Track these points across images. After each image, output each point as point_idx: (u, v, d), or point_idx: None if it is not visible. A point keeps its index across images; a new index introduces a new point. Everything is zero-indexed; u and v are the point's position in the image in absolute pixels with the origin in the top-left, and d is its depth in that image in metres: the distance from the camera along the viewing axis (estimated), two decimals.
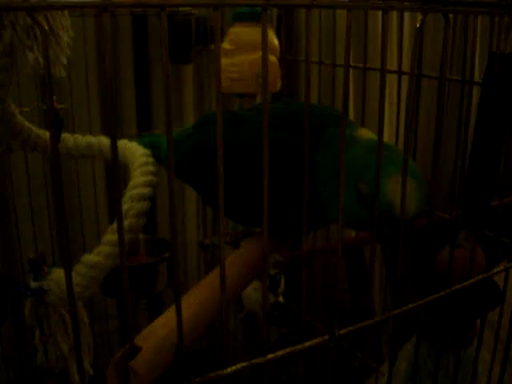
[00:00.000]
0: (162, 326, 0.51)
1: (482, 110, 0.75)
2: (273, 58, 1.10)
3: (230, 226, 1.29)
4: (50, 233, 1.40)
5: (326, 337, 0.56)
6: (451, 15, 0.57)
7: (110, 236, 0.76)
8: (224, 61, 1.09)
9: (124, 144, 0.90)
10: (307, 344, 0.55)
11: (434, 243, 0.75)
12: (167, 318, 0.51)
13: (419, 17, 0.55)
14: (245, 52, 1.07)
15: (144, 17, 1.53)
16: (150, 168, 0.82)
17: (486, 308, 0.80)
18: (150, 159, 0.85)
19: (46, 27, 0.38)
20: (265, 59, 0.46)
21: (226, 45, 1.11)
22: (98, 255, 0.75)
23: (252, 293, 1.20)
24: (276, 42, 1.11)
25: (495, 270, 0.73)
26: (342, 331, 0.56)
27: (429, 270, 0.78)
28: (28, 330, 0.92)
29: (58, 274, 0.81)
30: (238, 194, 0.69)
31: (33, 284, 0.81)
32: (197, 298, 0.55)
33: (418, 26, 0.54)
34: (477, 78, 0.75)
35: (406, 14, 1.44)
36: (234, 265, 0.63)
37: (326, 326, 1.21)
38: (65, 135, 0.98)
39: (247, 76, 1.07)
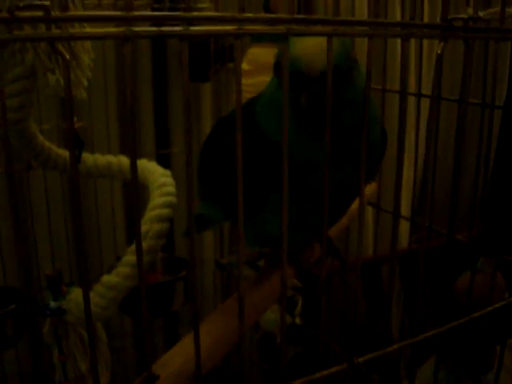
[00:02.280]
0: (180, 354, 0.50)
1: (503, 133, 0.75)
2: None
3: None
4: (67, 250, 1.41)
5: (345, 365, 0.55)
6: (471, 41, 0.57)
7: (129, 257, 0.76)
8: (242, 81, 1.09)
9: (143, 164, 0.90)
10: (326, 372, 0.54)
11: (454, 269, 0.74)
12: (185, 345, 0.51)
13: (439, 43, 0.55)
14: (263, 73, 1.07)
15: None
16: (170, 189, 0.82)
17: (506, 334, 0.79)
18: (169, 179, 0.85)
19: (68, 56, 0.38)
20: (286, 90, 0.46)
21: (244, 65, 1.11)
22: (117, 276, 0.76)
23: (269, 314, 1.20)
24: None
25: None
26: (361, 359, 0.56)
27: (448, 296, 0.77)
28: (45, 348, 0.92)
29: (77, 293, 0.81)
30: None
31: (52, 304, 0.81)
32: (215, 326, 0.55)
33: (438, 52, 0.54)
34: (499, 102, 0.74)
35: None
36: (252, 290, 0.63)
37: (343, 351, 1.20)
38: (84, 155, 0.99)
39: None
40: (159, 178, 0.84)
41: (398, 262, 1.75)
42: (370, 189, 1.01)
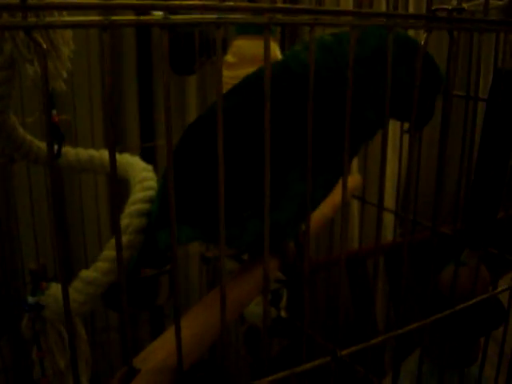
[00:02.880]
0: (161, 348, 0.50)
1: (487, 126, 0.75)
2: None
3: None
4: (52, 244, 1.40)
5: (328, 358, 0.55)
6: (456, 32, 0.57)
7: (108, 252, 0.75)
8: (227, 73, 1.08)
9: (125, 158, 0.89)
10: (308, 366, 0.54)
11: (438, 261, 0.74)
12: (166, 339, 0.51)
13: (424, 34, 0.54)
14: (248, 65, 1.06)
15: (148, 28, 1.53)
16: (150, 183, 0.81)
17: (490, 326, 0.79)
18: (151, 174, 0.85)
19: (45, 45, 0.37)
20: (268, 76, 0.46)
21: (229, 58, 1.10)
22: (96, 271, 0.75)
23: (253, 307, 1.19)
24: (279, 55, 1.11)
25: (499, 289, 0.72)
26: (344, 352, 0.56)
27: (432, 289, 0.77)
28: (26, 344, 0.91)
29: (56, 289, 0.80)
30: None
31: (30, 299, 0.80)
32: (197, 319, 0.55)
33: (422, 43, 0.54)
34: (483, 94, 0.74)
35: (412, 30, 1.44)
36: (235, 283, 0.63)
37: (328, 343, 1.20)
38: (67, 149, 0.98)
39: None
40: (140, 173, 0.84)
41: (384, 255, 1.76)
42: (353, 181, 1.01)
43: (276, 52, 1.11)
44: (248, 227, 0.63)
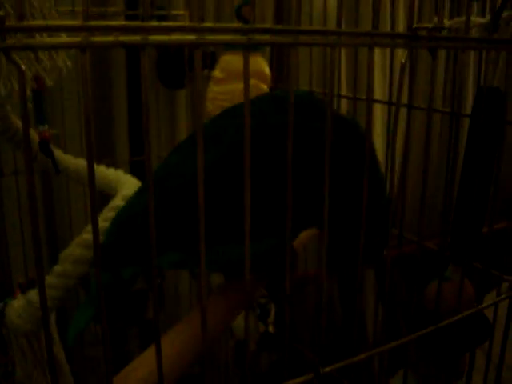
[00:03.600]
0: (142, 366, 0.50)
1: (470, 141, 0.75)
2: (264, 86, 1.10)
3: None
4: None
5: (311, 375, 0.55)
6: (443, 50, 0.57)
7: (71, 250, 0.75)
8: (215, 88, 1.09)
9: (116, 175, 0.89)
10: (291, 383, 0.54)
11: (423, 276, 0.74)
12: (147, 357, 0.51)
13: (406, 52, 0.55)
14: (236, 80, 1.07)
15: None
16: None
17: (475, 342, 0.79)
18: (135, 187, 0.85)
19: (23, 66, 0.37)
20: (247, 93, 0.46)
21: (217, 73, 1.11)
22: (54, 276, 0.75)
23: (241, 321, 1.19)
24: (267, 70, 1.11)
25: (484, 305, 0.72)
26: (327, 369, 0.56)
27: (417, 304, 0.77)
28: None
29: (20, 302, 0.79)
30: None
31: None
32: (179, 336, 0.54)
33: (403, 61, 0.54)
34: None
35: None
36: (219, 299, 0.62)
37: (315, 358, 1.20)
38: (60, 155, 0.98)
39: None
40: (125, 184, 0.84)
41: (374, 268, 1.76)
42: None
43: (264, 68, 1.12)
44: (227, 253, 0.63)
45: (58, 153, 0.97)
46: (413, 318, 0.64)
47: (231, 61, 1.10)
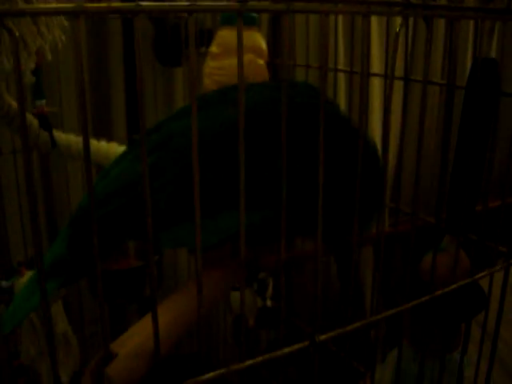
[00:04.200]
0: (139, 333, 0.50)
1: (465, 113, 0.75)
2: (260, 61, 1.09)
3: None
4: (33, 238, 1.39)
5: (307, 343, 0.56)
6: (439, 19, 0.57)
7: None
8: (211, 64, 1.08)
9: (109, 146, 0.90)
10: (287, 350, 0.54)
11: (419, 248, 0.75)
12: (144, 324, 0.51)
13: (399, 21, 0.55)
14: (232, 55, 1.06)
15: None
16: None
17: (471, 312, 0.80)
18: None
19: (17, 33, 0.37)
20: (241, 65, 0.46)
21: (213, 48, 1.10)
22: None
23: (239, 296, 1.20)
24: (264, 45, 1.11)
25: (479, 275, 0.73)
26: (322, 337, 0.56)
27: (412, 275, 0.78)
28: None
29: (28, 276, 0.80)
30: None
31: (4, 283, 0.80)
32: (174, 305, 0.55)
33: (397, 30, 0.54)
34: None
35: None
36: (213, 271, 0.63)
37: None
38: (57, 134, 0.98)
39: (235, 79, 1.06)
40: None
41: (373, 244, 1.77)
42: None
43: (261, 43, 1.11)
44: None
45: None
46: (408, 289, 0.65)
47: (228, 36, 1.09)
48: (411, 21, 1.46)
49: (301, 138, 0.62)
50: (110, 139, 1.44)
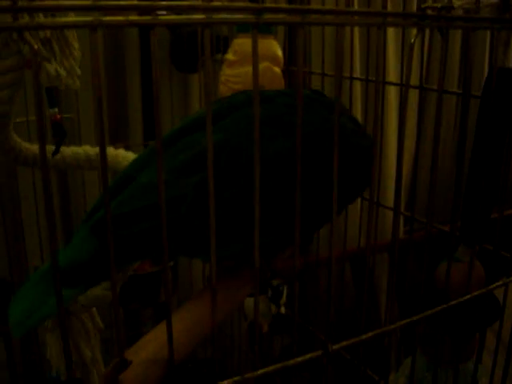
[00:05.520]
0: (153, 340, 0.51)
1: (480, 122, 0.75)
2: (277, 69, 1.10)
3: None
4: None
5: (320, 352, 0.56)
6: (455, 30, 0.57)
7: None
8: (228, 71, 1.09)
9: (121, 154, 0.91)
10: (299, 359, 0.55)
11: (434, 256, 0.74)
12: (158, 332, 0.52)
13: (414, 32, 0.55)
14: (248, 63, 1.07)
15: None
16: None
17: (485, 322, 0.80)
18: None
19: (36, 46, 0.38)
20: (255, 75, 0.46)
21: (230, 56, 1.11)
22: None
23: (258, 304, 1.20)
24: (280, 53, 1.12)
25: (494, 285, 0.72)
26: (335, 347, 0.56)
27: (427, 284, 0.78)
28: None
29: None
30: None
31: None
32: (189, 313, 0.55)
33: (412, 41, 0.55)
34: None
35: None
36: (228, 279, 0.63)
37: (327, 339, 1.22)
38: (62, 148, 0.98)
39: (250, 87, 1.06)
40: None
41: (389, 251, 1.76)
42: None
43: (277, 50, 1.12)
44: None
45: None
46: (423, 298, 0.65)
47: (244, 43, 1.10)
48: (428, 30, 1.46)
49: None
50: (126, 145, 1.45)
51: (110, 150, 0.93)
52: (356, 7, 1.73)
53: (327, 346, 0.56)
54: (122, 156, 0.91)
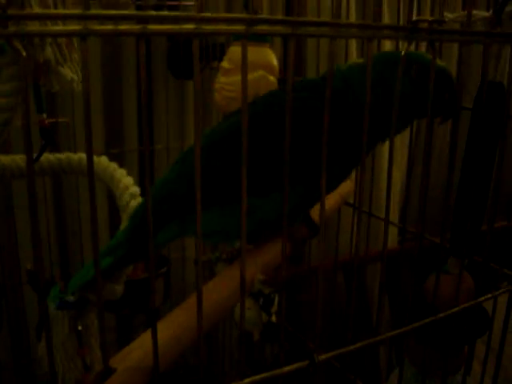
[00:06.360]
0: (138, 348, 0.51)
1: (471, 135, 0.76)
2: (272, 78, 1.10)
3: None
4: (47, 247, 1.41)
5: (306, 362, 0.56)
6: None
7: None
8: (222, 79, 1.09)
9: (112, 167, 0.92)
10: (286, 369, 0.55)
11: (424, 268, 0.75)
12: (144, 339, 0.52)
13: (405, 45, 0.55)
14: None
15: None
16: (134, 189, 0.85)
17: (474, 335, 0.80)
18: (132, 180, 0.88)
19: (24, 53, 0.38)
20: (244, 85, 0.47)
21: (224, 64, 1.11)
22: None
23: (245, 312, 1.20)
24: (275, 62, 1.12)
25: (482, 298, 0.73)
26: (322, 357, 0.56)
27: (417, 296, 0.78)
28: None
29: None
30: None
31: (71, 298, 0.83)
32: (175, 321, 0.55)
33: (402, 53, 0.55)
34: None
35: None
36: (216, 286, 0.63)
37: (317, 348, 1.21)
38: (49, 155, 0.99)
39: None
40: (124, 178, 0.87)
41: (382, 262, 1.76)
42: (347, 187, 1.02)
43: (272, 59, 1.12)
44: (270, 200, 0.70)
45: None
46: (412, 310, 0.65)
47: (239, 52, 1.10)
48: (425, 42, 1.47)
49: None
50: (121, 151, 1.45)
51: (70, 155, 0.94)
52: (354, 15, 1.74)
53: (313, 355, 0.56)
54: (103, 163, 0.92)
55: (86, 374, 0.87)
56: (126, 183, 0.88)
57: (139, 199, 0.87)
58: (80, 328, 0.86)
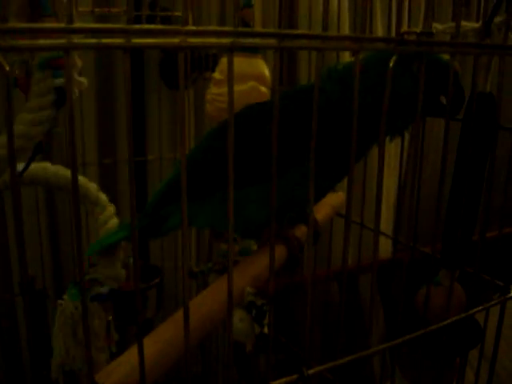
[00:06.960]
0: (126, 363, 0.50)
1: (461, 146, 0.75)
2: (263, 89, 1.10)
3: (219, 253, 1.29)
4: (39, 255, 1.40)
5: (295, 376, 0.56)
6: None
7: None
8: (214, 90, 1.09)
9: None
10: (275, 383, 0.54)
11: (416, 280, 0.74)
12: (131, 353, 0.51)
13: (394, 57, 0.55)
14: (235, 82, 1.07)
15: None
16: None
17: (466, 347, 0.80)
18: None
19: (7, 67, 0.38)
20: (231, 94, 0.47)
21: (216, 74, 1.11)
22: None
23: (237, 323, 1.19)
24: (267, 72, 1.12)
25: (474, 310, 0.72)
26: (311, 371, 0.56)
27: (409, 308, 0.78)
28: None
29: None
30: None
31: (103, 289, 0.84)
32: (163, 335, 0.55)
33: (390, 65, 0.55)
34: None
35: None
36: (204, 301, 0.63)
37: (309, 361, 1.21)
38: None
39: (236, 106, 1.06)
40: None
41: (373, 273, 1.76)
42: (338, 198, 1.01)
43: (264, 70, 1.12)
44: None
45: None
46: (404, 322, 0.64)
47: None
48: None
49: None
50: (113, 161, 1.45)
51: (48, 166, 0.94)
52: (347, 26, 1.75)
53: (302, 369, 0.56)
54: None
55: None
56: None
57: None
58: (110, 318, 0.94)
